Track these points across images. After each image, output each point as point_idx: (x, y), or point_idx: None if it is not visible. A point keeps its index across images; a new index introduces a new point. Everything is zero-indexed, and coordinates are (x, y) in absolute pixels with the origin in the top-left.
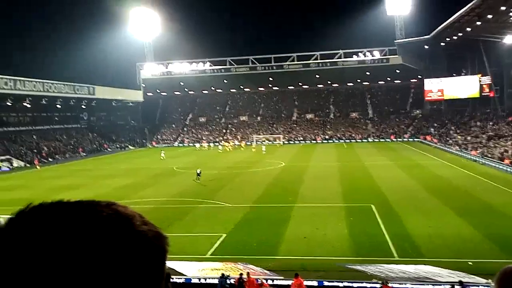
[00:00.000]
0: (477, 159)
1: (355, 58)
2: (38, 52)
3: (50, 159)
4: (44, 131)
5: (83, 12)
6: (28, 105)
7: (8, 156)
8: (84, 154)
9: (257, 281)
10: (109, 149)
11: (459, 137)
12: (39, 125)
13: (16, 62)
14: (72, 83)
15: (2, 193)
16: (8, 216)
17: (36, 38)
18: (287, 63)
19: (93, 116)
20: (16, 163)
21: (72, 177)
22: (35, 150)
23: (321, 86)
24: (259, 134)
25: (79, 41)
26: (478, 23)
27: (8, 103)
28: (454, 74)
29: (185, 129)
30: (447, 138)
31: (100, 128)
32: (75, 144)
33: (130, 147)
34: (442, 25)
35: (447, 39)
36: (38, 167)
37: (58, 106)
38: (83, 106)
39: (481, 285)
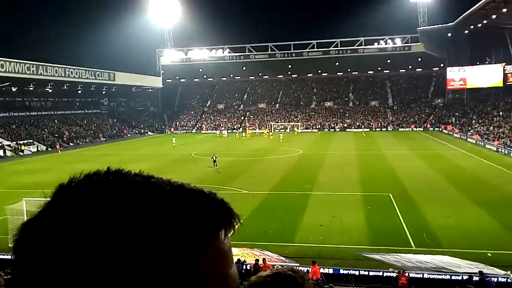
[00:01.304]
0: (499, 149)
1: (376, 45)
2: (61, 38)
3: (70, 144)
4: (65, 116)
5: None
6: (50, 90)
7: (30, 140)
8: (104, 139)
9: (273, 267)
10: (128, 135)
11: (481, 127)
12: (61, 110)
13: (39, 48)
14: (93, 69)
15: (25, 176)
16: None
17: (59, 24)
18: (307, 50)
19: (113, 101)
20: (38, 147)
21: (92, 162)
22: (57, 135)
23: (340, 73)
24: (277, 122)
25: (100, 27)
26: (504, 10)
27: (31, 88)
28: (478, 63)
29: (203, 115)
30: (469, 128)
31: (120, 114)
32: (95, 129)
33: (149, 133)
34: (467, 12)
35: (471, 26)
36: (59, 151)
37: (79, 91)
38: (103, 92)
39: (500, 277)
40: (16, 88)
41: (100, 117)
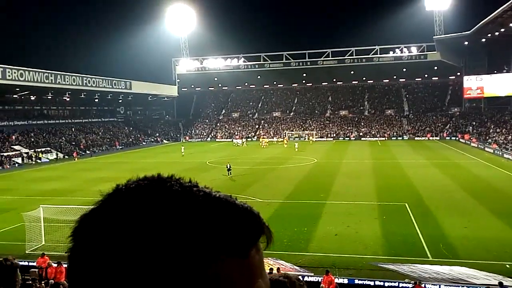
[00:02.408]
0: None
1: (391, 54)
2: (78, 47)
3: (87, 152)
4: (82, 124)
5: (122, 9)
6: (68, 99)
7: (48, 148)
8: (120, 147)
9: None
10: (144, 143)
11: (498, 136)
12: (78, 119)
13: (57, 58)
14: (110, 78)
15: (42, 184)
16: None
17: (77, 34)
18: (322, 59)
19: (129, 110)
20: (55, 155)
21: (108, 170)
22: (74, 143)
23: (355, 82)
24: (292, 130)
25: (117, 37)
26: None
27: (49, 97)
28: (495, 71)
29: (218, 124)
30: (486, 137)
31: (136, 122)
32: (112, 137)
33: (164, 141)
34: (484, 21)
35: (489, 35)
36: (76, 159)
37: (96, 100)
38: (120, 100)
39: None
40: (34, 96)
41: (116, 125)
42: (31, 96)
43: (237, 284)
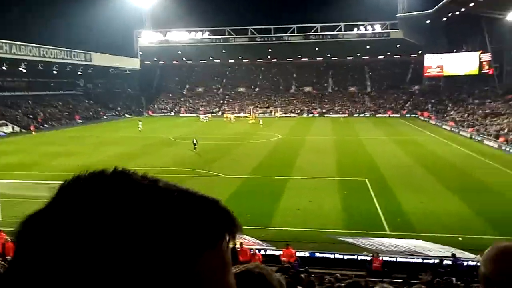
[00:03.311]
0: (473, 136)
1: (355, 31)
2: (35, 17)
3: (45, 125)
4: (40, 97)
5: None
6: (24, 70)
7: (3, 121)
8: (81, 121)
9: (250, 251)
10: (105, 117)
11: (455, 114)
12: (35, 91)
13: (12, 27)
14: (69, 49)
15: None
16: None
17: (33, 2)
18: (287, 34)
19: (89, 83)
20: (11, 128)
21: (67, 144)
22: (31, 116)
23: (320, 59)
24: (257, 106)
25: (76, 6)
26: None
27: (4, 68)
28: (455, 51)
29: (182, 99)
30: (444, 115)
31: (97, 95)
32: (72, 111)
33: (126, 115)
34: (445, 0)
35: (449, 14)
36: (34, 132)
37: (55, 72)
38: (79, 73)
39: (470, 260)
40: None
41: (76, 99)
42: None
43: (217, 274)
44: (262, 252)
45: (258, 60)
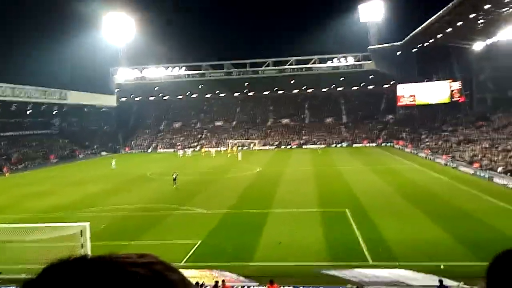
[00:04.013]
0: (448, 163)
1: (329, 64)
2: (8, 56)
3: (19, 166)
4: (14, 137)
5: (56, 16)
6: None
7: None
8: (55, 160)
9: None
10: (81, 156)
11: (430, 142)
12: (8, 131)
13: None
14: (43, 88)
15: None
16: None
17: (6, 41)
18: (263, 68)
19: (65, 121)
20: None
21: (42, 184)
22: (4, 157)
23: (296, 91)
24: (234, 139)
25: (52, 45)
26: (449, 29)
27: None
28: (426, 80)
29: (159, 134)
30: (419, 143)
31: (72, 134)
32: (46, 151)
33: (103, 153)
34: (414, 32)
35: (419, 45)
36: (7, 174)
37: (28, 111)
38: (54, 112)
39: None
40: None
41: (51, 138)
42: None
43: None
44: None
45: (235, 94)
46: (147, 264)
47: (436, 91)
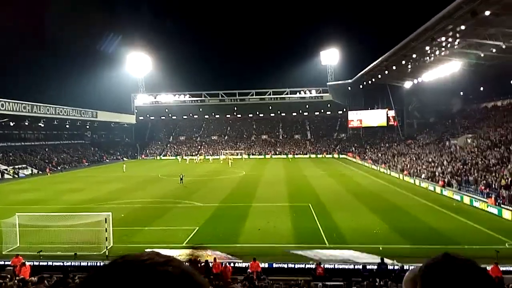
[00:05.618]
0: (386, 171)
1: (298, 94)
2: (54, 83)
3: (58, 168)
4: (55, 145)
5: (91, 54)
6: (42, 125)
7: (24, 165)
8: (87, 164)
9: (222, 264)
10: (107, 160)
11: (372, 154)
12: (51, 141)
13: (35, 90)
14: (79, 108)
15: (20, 194)
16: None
17: (53, 69)
18: (248, 97)
19: (95, 134)
20: (30, 170)
21: (76, 182)
22: (47, 161)
23: (273, 115)
24: (226, 150)
25: (88, 76)
26: (386, 72)
27: (26, 123)
28: (369, 108)
29: (168, 145)
30: (364, 155)
31: (101, 144)
32: (80, 156)
33: (124, 159)
34: (361, 73)
35: (364, 83)
36: (49, 174)
37: (67, 126)
38: (87, 126)
39: (389, 265)
40: (13, 123)
41: (84, 147)
42: (10, 123)
43: None
44: (232, 264)
45: (227, 116)
46: (175, 264)
47: (377, 117)
